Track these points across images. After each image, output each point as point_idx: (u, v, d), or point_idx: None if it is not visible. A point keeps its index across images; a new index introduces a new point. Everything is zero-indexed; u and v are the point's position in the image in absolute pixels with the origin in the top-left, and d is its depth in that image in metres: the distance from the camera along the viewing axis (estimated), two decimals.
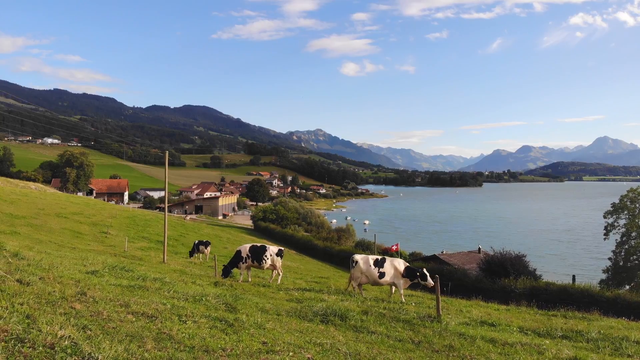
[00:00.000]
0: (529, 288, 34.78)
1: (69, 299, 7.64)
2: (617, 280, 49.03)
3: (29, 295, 7.40)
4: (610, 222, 55.37)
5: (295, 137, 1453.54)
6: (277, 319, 9.05)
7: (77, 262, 12.96)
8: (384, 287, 19.52)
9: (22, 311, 6.41)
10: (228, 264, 18.58)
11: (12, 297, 7.11)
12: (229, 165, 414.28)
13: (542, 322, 12.88)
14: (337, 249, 61.45)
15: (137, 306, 7.96)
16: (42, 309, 6.82)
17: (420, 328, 9.89)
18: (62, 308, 7.05)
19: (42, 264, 10.43)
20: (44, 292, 7.79)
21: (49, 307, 6.97)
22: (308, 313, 9.95)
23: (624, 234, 52.50)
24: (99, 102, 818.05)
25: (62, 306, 7.16)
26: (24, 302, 6.95)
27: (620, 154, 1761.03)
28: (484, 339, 9.30)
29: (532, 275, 40.33)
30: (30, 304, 6.90)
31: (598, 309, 21.81)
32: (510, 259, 42.26)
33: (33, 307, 6.81)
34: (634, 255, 50.15)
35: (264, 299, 11.54)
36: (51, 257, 12.69)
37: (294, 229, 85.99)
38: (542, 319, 14.18)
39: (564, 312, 16.25)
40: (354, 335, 8.67)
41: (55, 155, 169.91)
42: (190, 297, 9.70)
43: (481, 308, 16.09)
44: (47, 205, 51.61)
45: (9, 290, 7.46)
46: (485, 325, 11.54)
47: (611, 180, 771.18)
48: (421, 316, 11.17)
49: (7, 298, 7.02)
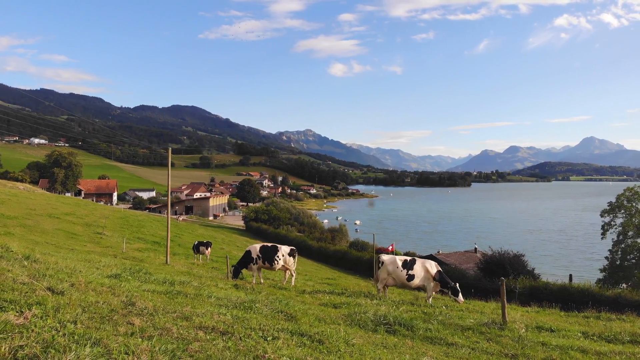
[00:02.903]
0: (529, 288, 34.67)
1: (121, 312, 6.73)
2: (614, 279, 49.02)
3: (74, 308, 6.32)
4: (606, 221, 55.46)
5: (284, 138, 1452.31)
6: (341, 329, 8.12)
7: (89, 265, 12.26)
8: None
9: (82, 335, 5.22)
10: (238, 265, 17.91)
11: (56, 312, 5.95)
12: (218, 166, 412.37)
13: (596, 326, 12.39)
14: (332, 249, 61.17)
15: (199, 318, 7.11)
16: (103, 328, 5.73)
17: (500, 338, 9.25)
18: (122, 326, 6.05)
19: (62, 268, 9.62)
20: (87, 303, 6.81)
21: (108, 326, 5.90)
22: (366, 322, 9.32)
23: (621, 233, 52.59)
24: (86, 102, 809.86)
25: (120, 323, 6.18)
26: (75, 319, 5.82)
27: (606, 154, 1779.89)
28: (572, 349, 8.76)
29: (531, 274, 40.27)
30: (84, 322, 5.79)
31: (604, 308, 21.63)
32: (509, 258, 42.19)
33: (90, 326, 5.70)
34: (631, 254, 50.22)
35: (304, 305, 10.78)
36: (62, 259, 12.00)
37: (287, 229, 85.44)
38: (581, 321, 13.74)
39: (595, 313, 15.83)
40: (438, 349, 8.05)
41: (42, 155, 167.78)
42: (239, 304, 9.03)
43: (500, 310, 15.54)
44: (38, 206, 50.64)
45: (46, 302, 6.34)
46: (543, 331, 10.97)
47: (598, 180, 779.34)
48: (484, 323, 10.57)
49: (52, 314, 5.81)
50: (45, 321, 5.49)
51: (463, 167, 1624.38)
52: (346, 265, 54.71)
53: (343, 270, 51.57)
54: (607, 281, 47.57)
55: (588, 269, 64.66)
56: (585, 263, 73.85)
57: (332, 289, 17.15)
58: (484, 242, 71.91)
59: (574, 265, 71.72)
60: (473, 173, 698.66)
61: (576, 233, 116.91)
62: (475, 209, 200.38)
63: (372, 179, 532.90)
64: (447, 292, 16.04)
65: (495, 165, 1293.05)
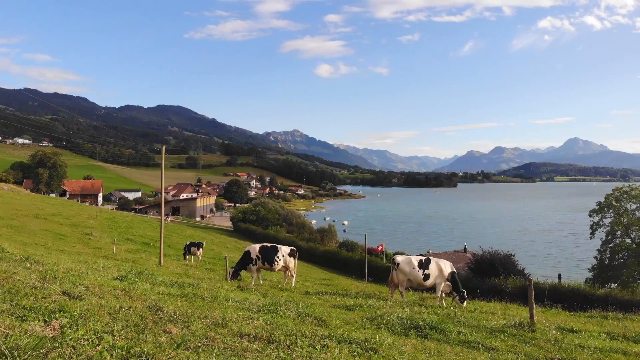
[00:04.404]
0: (520, 287, 34.80)
1: (151, 319, 6.21)
2: (602, 278, 49.40)
3: (102, 315, 5.77)
4: (595, 220, 55.86)
5: (272, 138, 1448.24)
6: (388, 336, 7.75)
7: (88, 267, 11.82)
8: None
9: (127, 349, 4.67)
10: (236, 266, 17.48)
11: (85, 321, 5.33)
12: (205, 166, 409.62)
13: (611, 326, 12.25)
14: (321, 250, 61.06)
15: (234, 325, 6.69)
16: (143, 339, 5.18)
17: (537, 341, 8.92)
18: (161, 335, 5.50)
19: (67, 270, 9.12)
20: (111, 309, 6.27)
21: (149, 336, 5.32)
22: (395, 325, 8.95)
23: (609, 233, 53.01)
24: (70, 101, 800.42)
25: (158, 332, 5.62)
26: (110, 329, 5.26)
27: (590, 154, 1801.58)
28: (612, 351, 8.57)
29: (521, 274, 40.46)
30: (121, 333, 5.22)
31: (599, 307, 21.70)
32: (500, 258, 42.38)
33: (129, 337, 5.15)
34: (619, 253, 50.66)
35: (322, 308, 10.32)
36: (63, 261, 11.56)
37: (275, 230, 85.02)
38: (592, 321, 13.57)
39: (600, 313, 15.72)
40: (482, 355, 7.71)
41: (26, 155, 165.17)
42: (262, 307, 8.65)
43: (509, 310, 15.40)
44: (24, 206, 49.80)
45: (68, 308, 5.73)
46: (565, 332, 10.66)
47: (582, 180, 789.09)
48: (511, 325, 10.27)
49: (81, 324, 5.17)
50: (77, 332, 4.97)
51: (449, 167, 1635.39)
52: (336, 265, 54.52)
53: (333, 270, 51.37)
54: (596, 281, 47.94)
55: (575, 269, 65.20)
56: (572, 263, 74.48)
57: (332, 289, 16.89)
58: (471, 242, 72.19)
59: (560, 265, 72.26)
60: (459, 174, 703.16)
61: (562, 233, 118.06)
62: (462, 210, 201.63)
63: (360, 180, 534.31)
64: (455, 296, 15.75)
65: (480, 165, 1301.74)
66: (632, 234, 51.41)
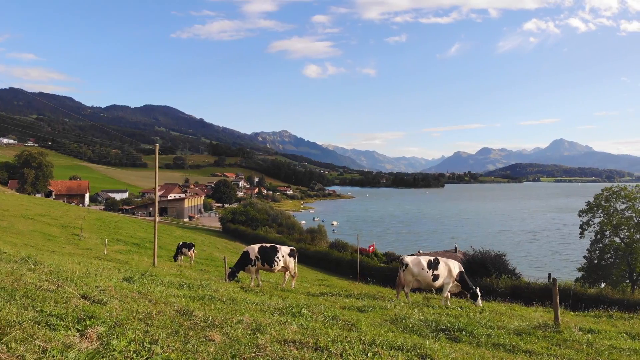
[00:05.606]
0: (511, 287, 34.99)
1: (186, 325, 5.86)
2: (592, 278, 49.90)
3: (135, 322, 5.39)
4: (585, 220, 56.36)
5: (260, 138, 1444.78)
6: (435, 341, 7.48)
7: (90, 268, 11.49)
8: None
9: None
10: (235, 267, 17.17)
11: (124, 329, 4.97)
12: (192, 166, 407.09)
13: (623, 326, 12.19)
14: (312, 250, 61.01)
15: (274, 330, 6.38)
16: (193, 350, 4.87)
17: (569, 342, 8.75)
18: (208, 344, 5.20)
19: (76, 271, 8.71)
20: (141, 314, 5.89)
21: (199, 346, 5.01)
22: (422, 328, 8.66)
23: (598, 232, 53.54)
24: (56, 101, 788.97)
25: (202, 340, 5.28)
26: (155, 338, 4.83)
27: (575, 155, 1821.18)
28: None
29: (512, 274, 40.71)
30: (167, 343, 4.85)
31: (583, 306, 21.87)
32: (491, 258, 42.64)
33: (177, 347, 4.81)
34: (609, 253, 51.19)
35: (341, 311, 9.96)
36: (64, 262, 11.24)
37: (265, 230, 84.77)
38: (600, 320, 13.49)
39: (605, 312, 15.70)
40: (522, 358, 7.46)
41: (11, 155, 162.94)
42: (285, 310, 8.40)
43: (515, 310, 15.22)
44: (11, 207, 49.05)
45: (96, 314, 5.34)
46: (584, 332, 10.39)
47: (567, 181, 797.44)
48: (536, 326, 10.07)
49: (119, 333, 4.79)
50: (120, 343, 4.57)
51: (436, 168, 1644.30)
52: (328, 266, 54.44)
53: (325, 271, 51.21)
54: (586, 280, 48.38)
55: (563, 269, 65.79)
56: (561, 263, 75.16)
57: (333, 290, 16.73)
58: (461, 242, 72.49)
59: (549, 265, 72.87)
60: (446, 174, 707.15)
61: (549, 233, 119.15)
62: (450, 210, 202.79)
63: (348, 180, 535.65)
64: (466, 295, 15.53)
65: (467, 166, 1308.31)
66: (622, 233, 52.00)
